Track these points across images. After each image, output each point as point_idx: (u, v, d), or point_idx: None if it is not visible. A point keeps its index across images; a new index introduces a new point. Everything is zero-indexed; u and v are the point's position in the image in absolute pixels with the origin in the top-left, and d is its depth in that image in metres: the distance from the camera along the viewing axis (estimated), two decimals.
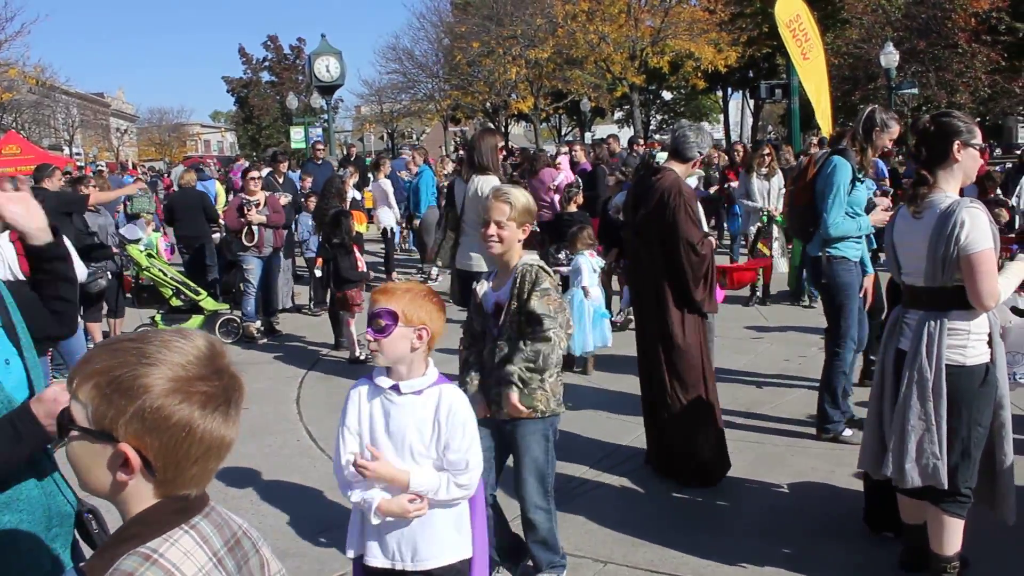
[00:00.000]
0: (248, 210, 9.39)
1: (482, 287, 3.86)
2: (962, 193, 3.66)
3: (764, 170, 10.45)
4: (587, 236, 7.81)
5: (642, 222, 5.12)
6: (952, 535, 3.62)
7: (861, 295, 5.71)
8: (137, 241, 9.77)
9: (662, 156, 6.05)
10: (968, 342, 3.50)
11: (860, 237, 5.61)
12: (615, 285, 9.49)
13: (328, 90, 23.57)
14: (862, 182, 5.51)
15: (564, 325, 3.64)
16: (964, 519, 3.63)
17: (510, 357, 3.62)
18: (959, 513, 3.60)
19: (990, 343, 3.53)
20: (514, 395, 3.60)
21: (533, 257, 3.79)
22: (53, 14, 53.54)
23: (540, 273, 3.64)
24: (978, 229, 3.35)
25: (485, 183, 6.15)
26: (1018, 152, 14.47)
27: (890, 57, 24.96)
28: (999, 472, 3.59)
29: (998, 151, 16.00)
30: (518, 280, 3.64)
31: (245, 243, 9.46)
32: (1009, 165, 16.29)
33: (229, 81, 61.24)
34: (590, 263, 7.63)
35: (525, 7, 35.53)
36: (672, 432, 5.11)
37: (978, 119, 38.96)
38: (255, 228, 9.46)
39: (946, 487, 3.50)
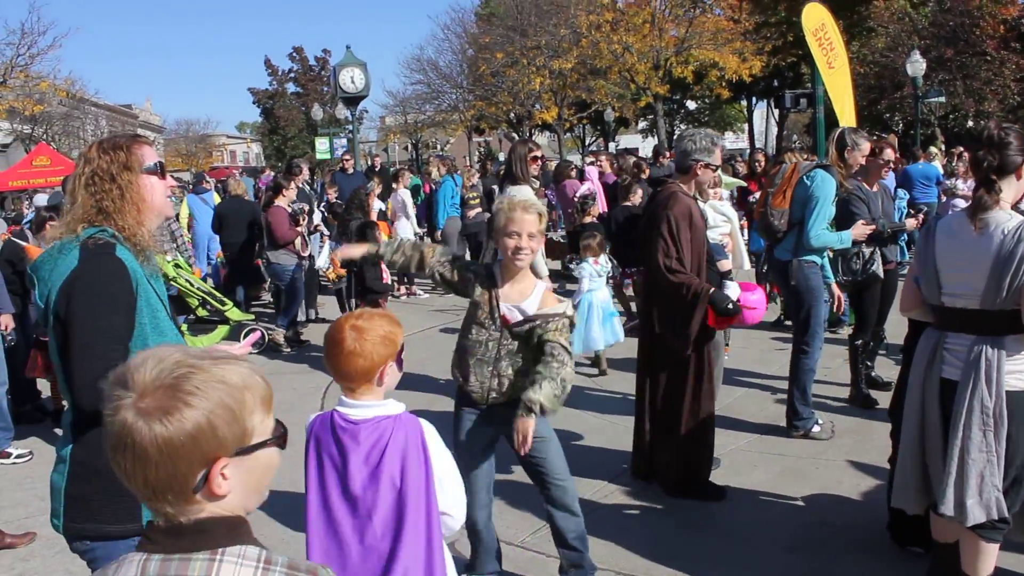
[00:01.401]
0: (301, 219, 9.56)
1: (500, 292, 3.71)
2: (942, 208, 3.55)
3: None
4: (595, 245, 8.01)
5: (643, 236, 5.11)
6: (987, 559, 3.51)
7: (833, 303, 6.03)
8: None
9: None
10: (1022, 367, 3.34)
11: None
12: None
13: (353, 101, 23.68)
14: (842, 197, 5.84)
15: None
16: (1000, 543, 3.53)
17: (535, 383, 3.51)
18: (995, 538, 3.48)
19: None
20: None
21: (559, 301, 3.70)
22: (84, 27, 54.23)
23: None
24: None
25: (516, 192, 6.28)
26: None
27: (917, 65, 24.76)
28: None
29: None
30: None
31: (300, 253, 9.62)
32: None
33: (255, 92, 61.77)
34: (593, 269, 7.82)
35: (549, 18, 35.59)
36: (679, 447, 5.05)
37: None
38: (307, 238, 9.71)
39: (1008, 518, 3.38)
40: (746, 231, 11.29)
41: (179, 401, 1.31)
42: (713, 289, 4.83)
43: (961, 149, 17.42)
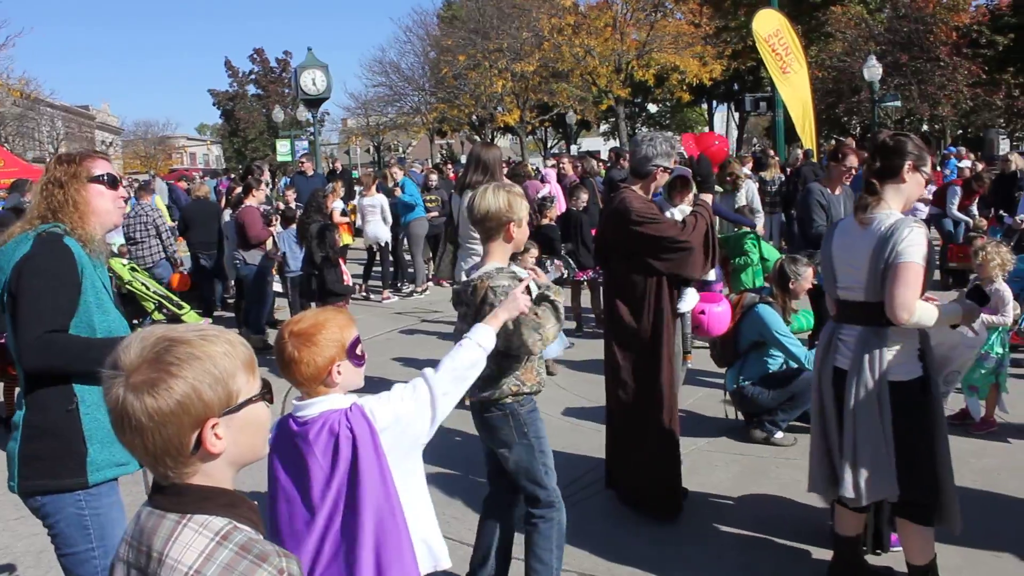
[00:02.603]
0: (273, 219, 9.49)
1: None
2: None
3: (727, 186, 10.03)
4: (529, 257, 7.78)
5: (606, 241, 5.07)
6: (923, 544, 3.69)
7: None
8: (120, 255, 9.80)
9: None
10: (906, 357, 3.53)
11: None
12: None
13: (314, 103, 23.59)
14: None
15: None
16: (933, 526, 3.67)
17: None
18: (926, 520, 3.64)
19: (922, 357, 3.57)
20: None
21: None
22: (37, 27, 53.39)
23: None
24: (914, 244, 3.37)
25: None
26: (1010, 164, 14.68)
27: (873, 70, 25.19)
28: (942, 483, 3.61)
29: (980, 166, 16.10)
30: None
31: (270, 255, 9.53)
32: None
33: (215, 94, 61.22)
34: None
35: (511, 20, 35.64)
36: (652, 460, 4.93)
37: (960, 131, 39.35)
38: (276, 239, 9.65)
39: (897, 499, 3.54)
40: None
41: (164, 372, 1.43)
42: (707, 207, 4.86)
43: None
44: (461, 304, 3.65)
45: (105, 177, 3.05)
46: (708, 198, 4.94)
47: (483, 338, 2.87)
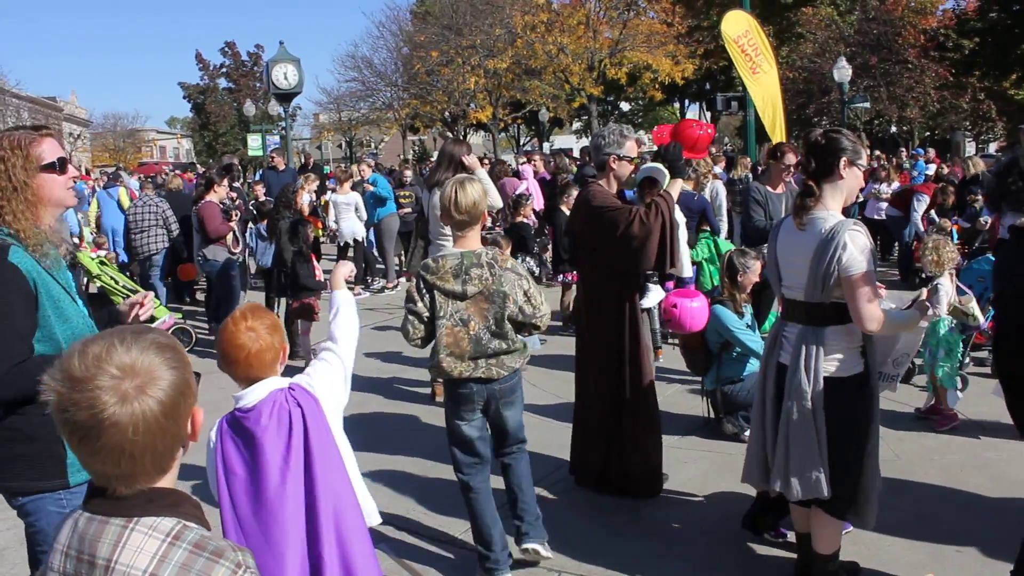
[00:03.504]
0: (234, 214, 9.43)
1: None
2: (846, 213, 3.76)
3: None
4: (504, 245, 8.26)
5: (575, 235, 5.11)
6: (830, 534, 3.78)
7: None
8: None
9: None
10: (844, 355, 3.59)
11: None
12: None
13: (286, 97, 23.42)
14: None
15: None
16: (843, 520, 3.76)
17: None
18: (840, 514, 3.72)
19: (864, 353, 3.63)
20: None
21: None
22: (2, 16, 52.56)
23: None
24: (858, 251, 3.43)
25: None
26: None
27: (843, 72, 25.45)
28: (862, 479, 3.67)
29: (944, 168, 16.27)
30: None
31: (232, 249, 9.46)
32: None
33: (185, 87, 60.56)
34: None
35: (484, 17, 35.59)
36: (634, 446, 4.99)
37: (928, 133, 39.81)
38: (238, 233, 9.58)
39: (827, 497, 3.60)
40: None
41: (157, 372, 1.43)
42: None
43: (878, 154, 17.89)
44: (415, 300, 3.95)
45: (56, 164, 2.86)
46: (676, 186, 4.86)
47: (349, 299, 3.23)
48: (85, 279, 10.06)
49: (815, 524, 3.80)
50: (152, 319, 3.27)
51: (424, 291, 3.90)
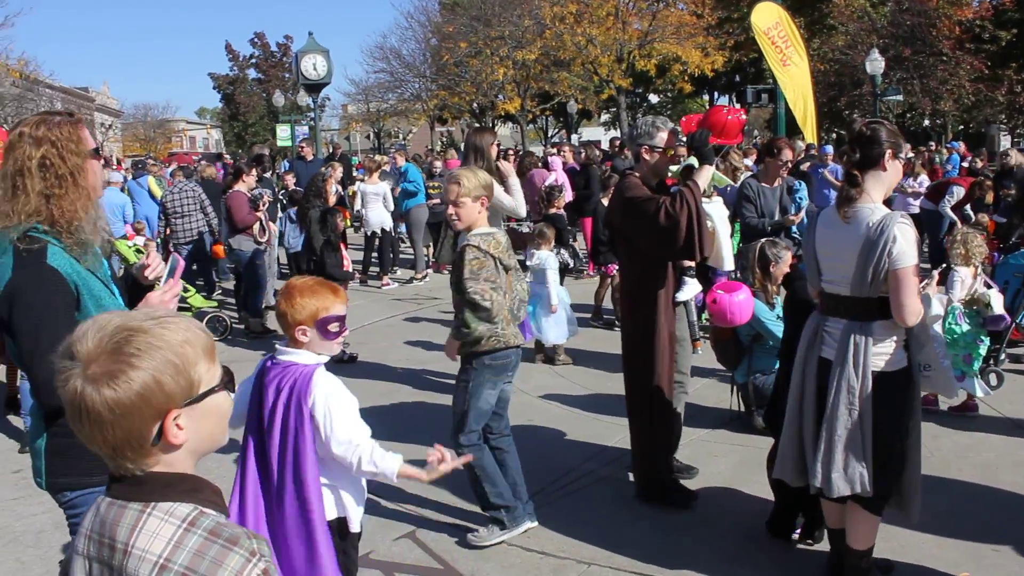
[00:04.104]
0: (261, 203, 9.48)
1: None
2: (888, 204, 3.71)
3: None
4: (551, 235, 8.22)
5: (612, 227, 5.11)
6: (866, 530, 3.74)
7: None
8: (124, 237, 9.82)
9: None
10: (891, 349, 3.56)
11: None
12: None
13: (315, 88, 23.51)
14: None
15: (490, 280, 4.16)
16: (880, 516, 3.73)
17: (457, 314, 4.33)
18: (878, 510, 3.69)
19: (906, 347, 3.60)
20: (449, 342, 4.45)
21: (476, 232, 4.26)
22: (36, 7, 53.20)
23: (465, 250, 4.18)
24: (907, 245, 3.39)
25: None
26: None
27: (875, 64, 25.11)
28: (906, 473, 3.65)
29: (978, 162, 16.03)
30: (456, 259, 4.28)
31: (259, 238, 9.52)
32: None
33: (215, 78, 60.91)
34: (554, 260, 8.03)
35: (513, 8, 35.52)
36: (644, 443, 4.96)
37: (961, 127, 39.28)
38: (265, 223, 9.61)
39: (871, 495, 3.57)
40: None
41: (124, 364, 1.38)
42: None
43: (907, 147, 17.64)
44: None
45: (98, 150, 2.77)
46: (704, 173, 4.75)
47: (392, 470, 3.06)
48: (120, 267, 10.18)
49: (851, 520, 3.75)
50: (189, 307, 3.29)
51: (499, 267, 4.23)
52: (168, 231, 11.11)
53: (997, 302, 6.13)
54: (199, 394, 1.46)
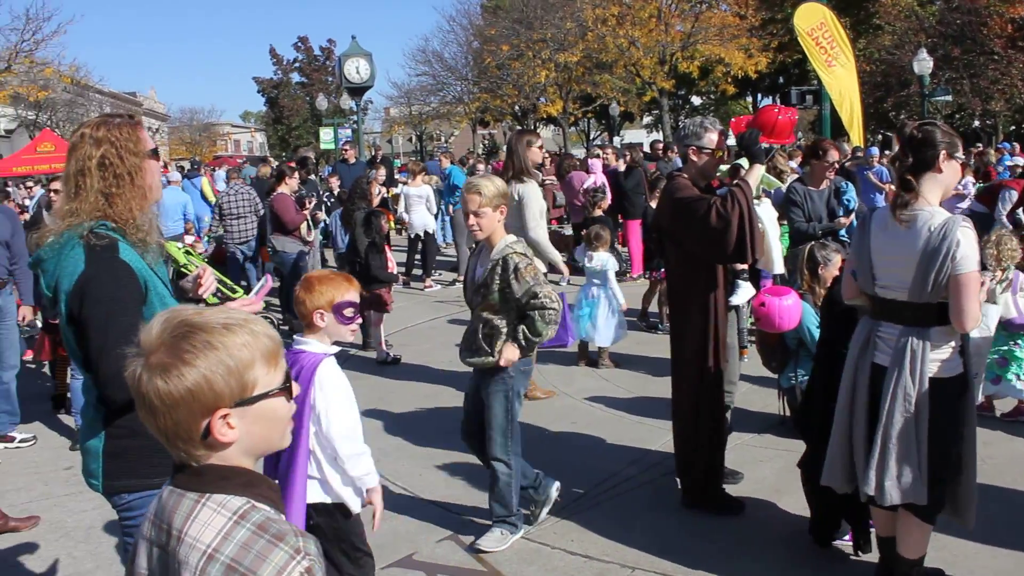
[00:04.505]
0: (307, 202, 9.59)
1: (472, 262, 4.48)
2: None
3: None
4: (607, 236, 8.17)
5: (661, 229, 5.04)
6: (919, 539, 3.67)
7: None
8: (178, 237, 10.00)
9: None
10: (947, 355, 3.49)
11: None
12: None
13: (358, 91, 23.68)
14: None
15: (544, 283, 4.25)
16: (933, 524, 3.66)
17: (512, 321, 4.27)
18: (930, 518, 3.62)
19: (962, 353, 3.53)
20: (508, 350, 4.27)
21: (508, 240, 4.27)
22: (87, 15, 54.15)
23: (510, 258, 4.17)
24: (970, 250, 3.32)
25: (521, 189, 6.40)
26: None
27: (923, 63, 24.62)
28: (963, 478, 3.58)
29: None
30: (495, 268, 4.20)
31: (306, 238, 9.63)
32: None
33: (259, 82, 61.59)
34: (613, 261, 8.02)
35: (555, 11, 35.49)
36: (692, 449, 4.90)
37: (1013, 127, 38.43)
38: (310, 223, 9.76)
39: (926, 503, 3.49)
40: None
41: (178, 359, 1.43)
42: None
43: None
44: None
45: (156, 150, 2.82)
46: (755, 173, 4.68)
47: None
48: (171, 268, 10.33)
49: (903, 528, 3.68)
50: (227, 298, 3.34)
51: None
52: (223, 231, 11.39)
53: (1009, 304, 6.00)
54: (251, 396, 1.49)
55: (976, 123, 36.20)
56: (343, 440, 3.12)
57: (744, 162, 4.91)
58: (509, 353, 4.27)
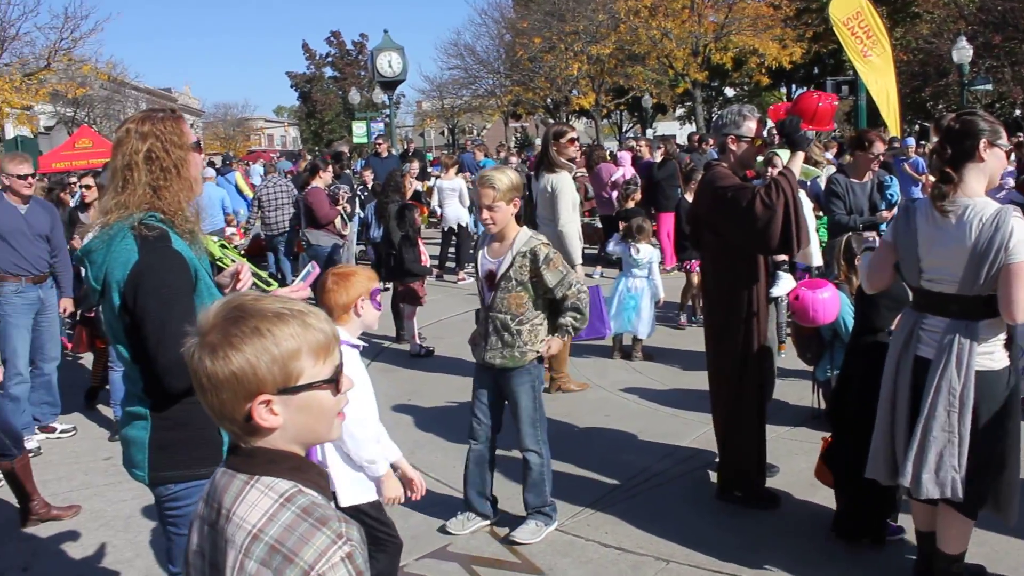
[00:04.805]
0: (341, 197, 9.66)
1: (480, 252, 4.45)
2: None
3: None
4: (649, 229, 8.12)
5: (698, 219, 4.92)
6: (959, 534, 3.62)
7: None
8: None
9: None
10: (994, 348, 3.44)
11: None
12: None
13: (390, 85, 23.80)
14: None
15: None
16: (975, 520, 3.60)
17: (558, 311, 4.32)
18: (972, 513, 3.56)
19: (1008, 345, 3.48)
20: (556, 342, 4.34)
21: (527, 235, 4.26)
22: (124, 12, 54.84)
23: (539, 249, 4.18)
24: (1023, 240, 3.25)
25: (553, 181, 6.39)
26: None
27: (963, 52, 24.18)
28: (1006, 473, 3.52)
29: None
30: (522, 260, 4.19)
31: (342, 231, 9.71)
32: None
33: (292, 76, 62.05)
34: (655, 253, 8.00)
35: (587, 3, 35.34)
36: (730, 442, 4.84)
37: None
38: (345, 217, 9.88)
39: (961, 499, 3.44)
40: None
41: (226, 342, 1.48)
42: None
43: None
44: None
45: (199, 143, 2.85)
46: (797, 160, 4.57)
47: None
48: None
49: (943, 523, 3.63)
50: (262, 291, 3.36)
51: None
52: (260, 223, 11.57)
53: None
54: (294, 386, 1.51)
55: (1017, 112, 35.53)
56: (356, 423, 3.16)
57: (781, 152, 4.83)
58: (556, 345, 4.34)
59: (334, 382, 1.56)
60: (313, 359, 1.52)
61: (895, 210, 7.11)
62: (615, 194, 11.65)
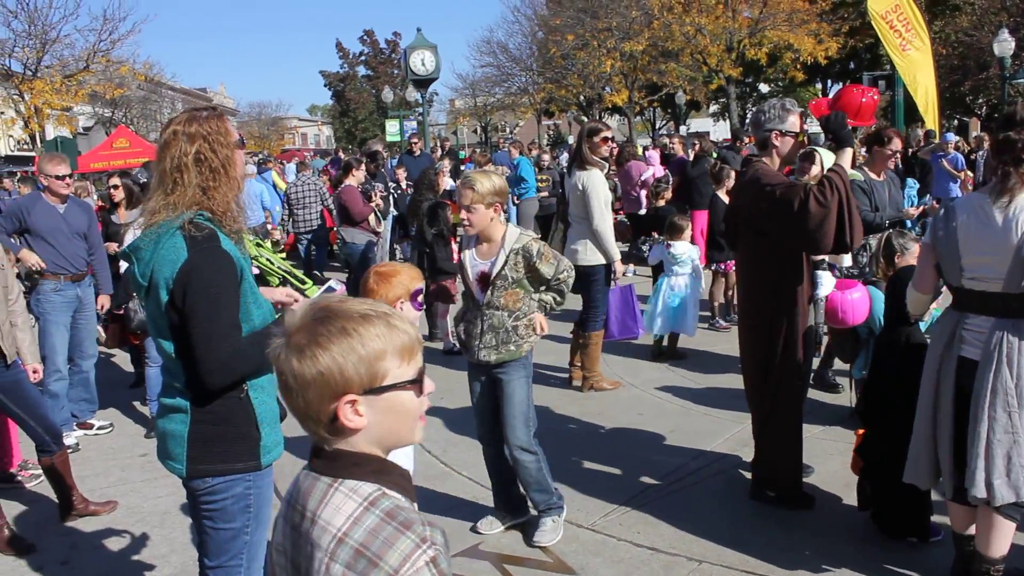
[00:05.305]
0: (374, 194, 9.73)
1: (466, 254, 4.40)
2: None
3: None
4: (686, 226, 8.03)
5: (738, 217, 4.78)
6: (1002, 537, 3.54)
7: None
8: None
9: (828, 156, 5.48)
10: None
11: None
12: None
13: (423, 83, 23.88)
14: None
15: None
16: (1017, 522, 3.53)
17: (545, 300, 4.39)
18: (1013, 516, 3.49)
19: None
20: (543, 319, 4.38)
21: (515, 232, 4.28)
22: (160, 13, 55.51)
23: (530, 245, 4.22)
24: None
25: (585, 178, 6.39)
26: None
27: (1005, 44, 23.70)
28: None
29: None
30: (515, 258, 4.21)
31: (376, 229, 9.77)
32: None
33: (326, 75, 62.47)
34: (693, 252, 7.92)
35: None
36: (770, 444, 4.77)
37: None
38: (379, 214, 9.99)
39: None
40: None
41: (314, 342, 1.48)
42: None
43: None
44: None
45: (243, 140, 2.88)
46: (847, 157, 4.45)
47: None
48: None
49: (985, 526, 3.56)
50: (298, 291, 3.40)
51: None
52: (291, 220, 11.72)
53: None
54: (380, 386, 1.52)
55: None
56: None
57: (822, 150, 4.73)
58: (544, 321, 4.40)
59: (418, 383, 1.57)
60: (398, 360, 1.53)
61: (921, 207, 6.94)
62: (643, 193, 11.60)
